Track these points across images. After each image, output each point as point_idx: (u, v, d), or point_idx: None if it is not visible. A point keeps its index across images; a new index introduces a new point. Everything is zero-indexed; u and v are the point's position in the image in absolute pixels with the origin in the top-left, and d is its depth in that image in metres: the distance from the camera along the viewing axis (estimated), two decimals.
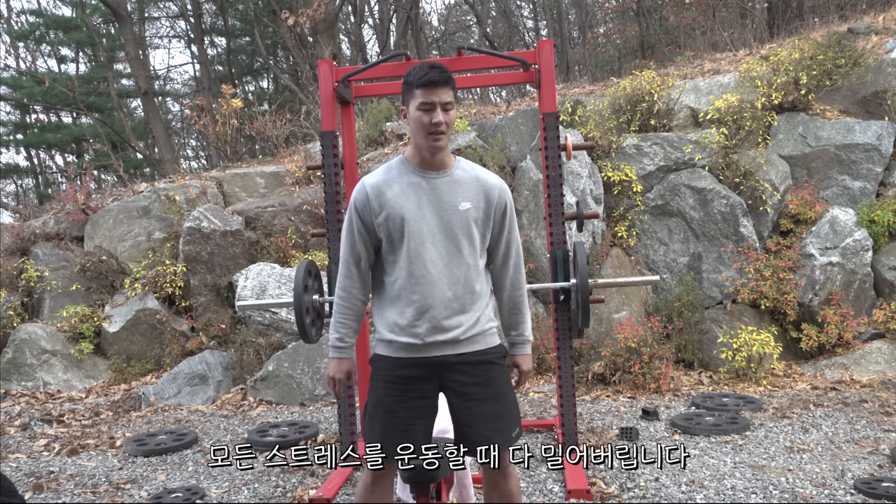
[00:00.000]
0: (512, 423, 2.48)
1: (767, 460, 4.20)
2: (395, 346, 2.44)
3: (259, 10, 17.06)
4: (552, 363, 6.35)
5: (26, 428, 6.00)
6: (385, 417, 2.43)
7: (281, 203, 7.78)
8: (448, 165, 2.46)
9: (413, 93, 2.36)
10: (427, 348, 2.40)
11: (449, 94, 2.36)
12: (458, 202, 2.41)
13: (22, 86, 18.57)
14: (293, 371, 6.42)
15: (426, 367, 2.43)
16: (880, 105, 7.26)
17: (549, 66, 4.22)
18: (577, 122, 7.65)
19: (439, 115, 2.34)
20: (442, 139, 2.37)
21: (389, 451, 2.42)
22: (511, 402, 2.50)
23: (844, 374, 5.99)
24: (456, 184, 2.44)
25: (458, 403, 2.46)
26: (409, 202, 2.40)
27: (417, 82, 2.34)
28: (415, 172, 2.44)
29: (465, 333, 2.41)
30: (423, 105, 2.34)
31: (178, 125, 21.41)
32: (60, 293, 7.84)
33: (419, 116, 2.35)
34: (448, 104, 2.36)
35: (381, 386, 2.47)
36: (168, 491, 4.17)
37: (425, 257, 2.38)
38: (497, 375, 2.48)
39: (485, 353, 2.46)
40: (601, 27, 19.39)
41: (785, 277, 6.39)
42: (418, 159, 2.44)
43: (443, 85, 2.34)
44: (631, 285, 5.87)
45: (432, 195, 2.41)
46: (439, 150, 2.40)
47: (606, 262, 6.96)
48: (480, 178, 2.48)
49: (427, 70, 2.34)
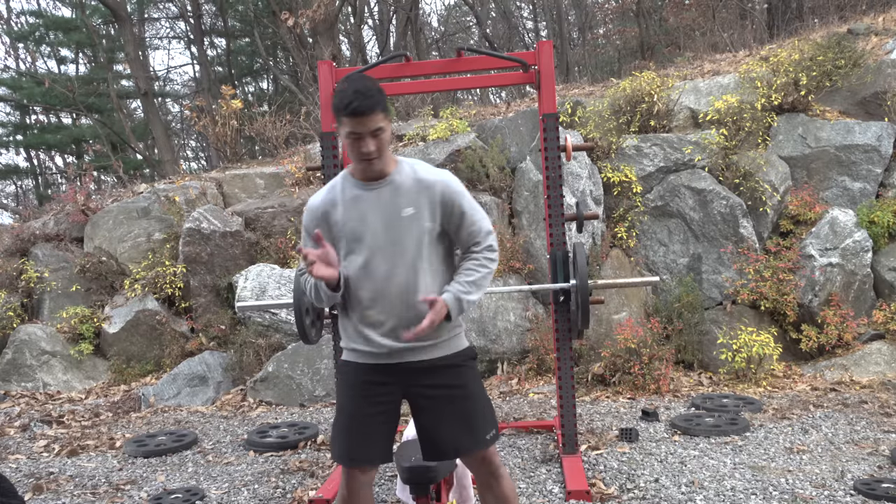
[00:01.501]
0: (484, 424, 2.44)
1: (767, 461, 4.20)
2: (357, 353, 2.46)
3: (259, 11, 17.06)
4: (552, 364, 6.35)
5: (26, 429, 6.00)
6: (347, 423, 2.43)
7: (281, 204, 7.78)
8: (388, 172, 2.40)
9: (341, 120, 2.27)
10: (389, 355, 2.41)
11: (377, 119, 2.25)
12: (400, 209, 2.37)
13: (22, 87, 18.58)
14: (293, 372, 6.41)
15: (389, 374, 2.42)
16: (880, 106, 7.27)
17: (548, 67, 4.22)
18: (577, 122, 7.65)
19: (369, 145, 2.27)
20: (375, 164, 2.33)
21: (352, 456, 2.42)
22: (481, 404, 2.47)
23: (844, 375, 5.99)
24: (397, 191, 2.39)
25: (423, 409, 2.44)
26: (352, 219, 2.38)
27: (344, 112, 2.23)
28: (357, 186, 2.41)
29: (426, 340, 2.39)
30: (352, 135, 2.27)
31: (178, 126, 21.43)
32: (60, 294, 7.84)
33: (349, 144, 2.30)
34: (377, 130, 2.26)
35: (345, 392, 2.48)
36: (168, 492, 4.17)
37: (377, 270, 2.36)
38: (464, 378, 2.46)
39: (449, 357, 2.45)
40: (601, 28, 19.40)
41: (785, 278, 6.39)
42: (359, 172, 2.41)
43: (370, 112, 2.22)
44: (631, 286, 5.89)
45: (375, 206, 2.38)
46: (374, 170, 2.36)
47: (606, 263, 6.96)
48: (420, 178, 2.40)
49: (352, 97, 2.21)
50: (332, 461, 4.59)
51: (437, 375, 2.42)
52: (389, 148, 2.39)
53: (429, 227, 2.39)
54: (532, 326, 6.69)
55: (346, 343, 2.50)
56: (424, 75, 4.80)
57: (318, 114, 9.49)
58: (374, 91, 2.25)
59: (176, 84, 23.93)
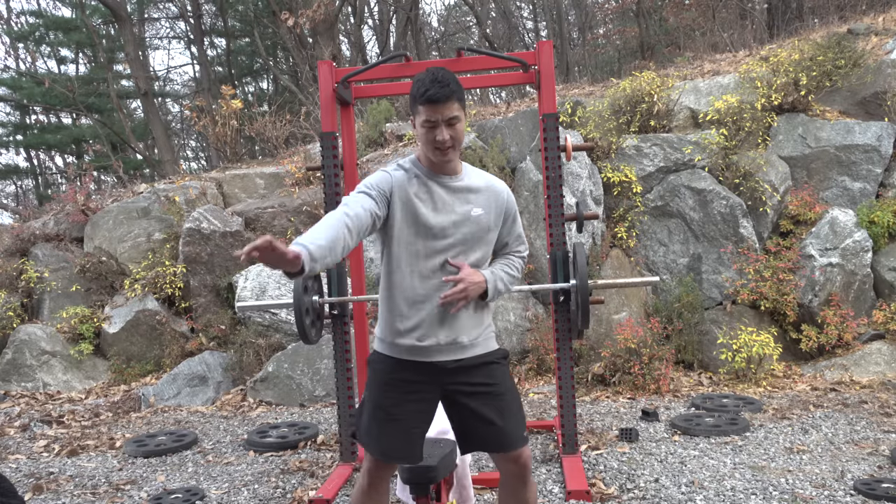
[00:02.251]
0: (520, 423, 2.44)
1: (767, 461, 4.20)
2: (395, 347, 2.41)
3: (259, 11, 17.08)
4: (552, 364, 6.35)
5: (26, 429, 6.00)
6: (384, 420, 2.39)
7: (281, 204, 7.78)
8: (459, 171, 2.42)
9: (416, 108, 2.28)
10: (427, 352, 2.38)
11: (454, 107, 2.25)
12: (470, 208, 2.39)
13: (22, 87, 18.59)
14: (293, 372, 6.41)
15: (426, 372, 2.40)
16: (880, 106, 7.27)
17: (548, 67, 4.22)
18: (577, 122, 7.65)
19: (444, 133, 2.26)
20: (449, 154, 2.31)
21: (389, 454, 2.40)
22: (517, 402, 2.48)
23: (844, 375, 5.99)
24: (468, 190, 2.41)
25: (461, 406, 2.41)
26: (423, 204, 2.36)
27: (420, 99, 2.24)
28: (428, 176, 2.39)
29: (465, 339, 2.39)
30: (427, 123, 2.26)
31: (178, 126, 21.43)
32: (60, 294, 7.84)
33: (424, 133, 2.29)
34: (453, 119, 2.26)
35: (380, 387, 2.43)
36: (168, 492, 4.17)
37: (433, 261, 2.35)
38: (499, 376, 2.46)
39: (484, 356, 2.44)
40: (601, 28, 19.41)
41: (785, 278, 6.39)
42: (429, 163, 2.39)
43: (445, 101, 2.23)
44: (631, 286, 5.89)
45: (448, 199, 2.38)
46: (449, 163, 2.37)
47: (606, 263, 6.96)
48: (490, 184, 2.47)
49: (429, 85, 2.23)
50: (333, 461, 4.59)
51: (473, 374, 2.41)
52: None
53: (492, 230, 2.45)
54: (532, 326, 6.69)
55: (383, 333, 2.44)
56: None
57: (317, 114, 9.49)
58: (451, 80, 2.25)
59: (176, 84, 23.95)
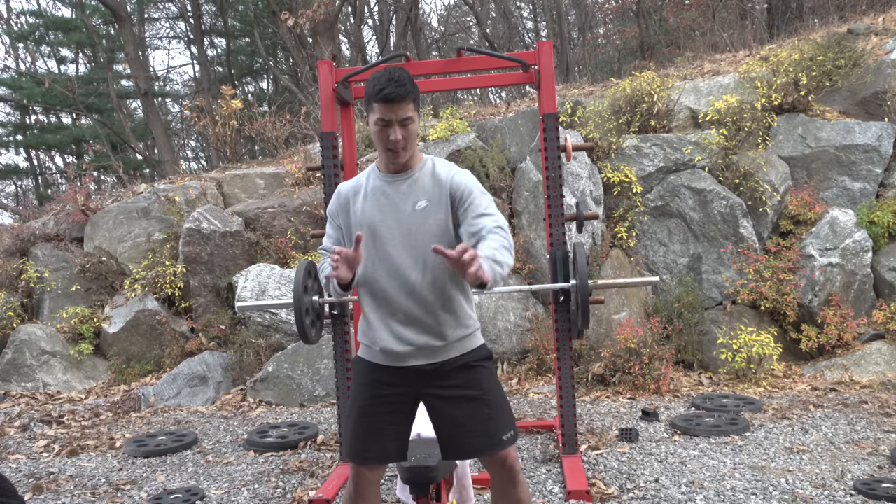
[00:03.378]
0: (501, 425, 2.36)
1: (767, 461, 4.20)
2: (370, 351, 2.45)
3: (259, 11, 17.07)
4: (552, 364, 6.35)
5: (26, 429, 6.00)
6: (357, 419, 2.41)
7: (281, 204, 7.78)
8: (411, 167, 2.39)
9: (371, 106, 2.27)
10: (399, 357, 2.38)
11: (408, 108, 2.25)
12: (416, 202, 2.36)
13: (22, 87, 18.59)
14: (293, 372, 6.41)
15: (399, 376, 2.40)
16: (880, 106, 7.27)
17: (548, 67, 4.22)
18: (577, 122, 7.65)
19: (397, 133, 2.26)
20: (400, 154, 2.32)
21: (359, 452, 2.39)
22: (497, 404, 2.39)
23: (844, 375, 5.99)
24: (416, 184, 2.37)
25: (438, 412, 2.39)
26: (372, 209, 2.38)
27: (375, 97, 2.24)
28: (380, 178, 2.41)
29: (438, 342, 2.36)
30: (380, 121, 2.26)
31: (178, 126, 21.43)
32: (60, 294, 7.84)
33: (377, 132, 2.29)
34: (406, 119, 2.26)
35: (357, 388, 2.47)
36: (168, 492, 4.17)
37: (389, 263, 2.35)
38: (477, 379, 2.39)
39: (461, 357, 2.39)
40: (601, 28, 19.41)
41: (785, 278, 6.39)
42: (383, 165, 2.41)
43: (400, 100, 2.23)
44: (631, 286, 5.89)
45: (393, 198, 2.37)
46: (400, 162, 2.36)
47: (606, 263, 6.96)
48: (436, 172, 2.39)
49: (384, 84, 2.22)
50: (333, 461, 4.59)
51: (448, 377, 2.38)
52: (417, 144, 2.39)
53: (442, 219, 2.35)
54: (532, 326, 6.69)
55: (361, 338, 2.48)
56: (424, 75, 4.80)
57: (318, 114, 9.49)
58: (407, 81, 2.25)
59: (176, 84, 23.95)
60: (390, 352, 2.38)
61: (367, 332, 2.44)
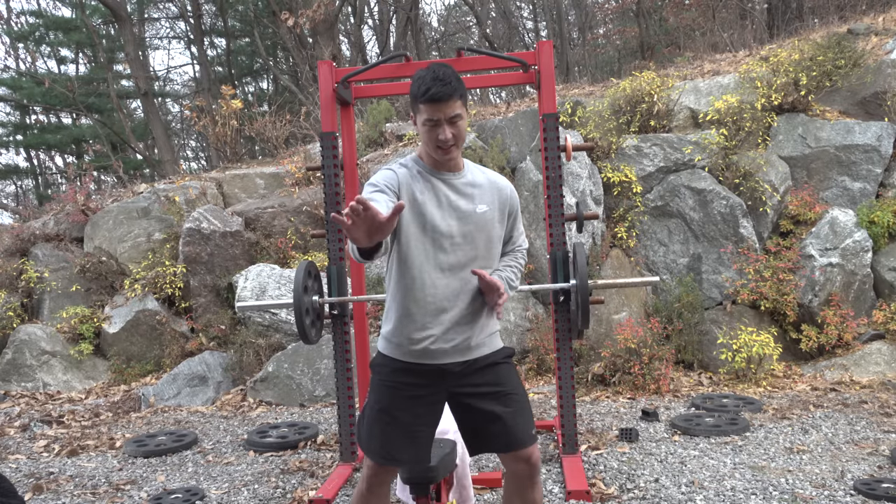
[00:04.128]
0: (530, 421, 2.40)
1: (767, 461, 4.20)
2: (402, 350, 2.35)
3: (259, 11, 17.08)
4: (552, 364, 6.35)
5: (26, 429, 6.00)
6: (388, 422, 2.34)
7: (280, 204, 7.78)
8: (461, 167, 2.37)
9: (418, 107, 2.23)
10: (435, 355, 2.33)
11: (456, 106, 2.20)
12: (475, 205, 2.34)
13: (22, 87, 18.60)
14: (293, 372, 6.41)
15: (432, 375, 2.35)
16: (880, 106, 7.27)
17: (548, 67, 4.22)
18: (577, 122, 7.65)
19: (447, 132, 2.21)
20: (452, 152, 2.27)
21: (392, 456, 2.35)
22: (525, 400, 2.43)
23: (844, 375, 5.99)
24: (472, 186, 2.36)
25: (471, 408, 2.37)
26: (430, 201, 2.31)
27: (421, 98, 2.19)
28: (431, 173, 2.35)
29: (472, 341, 2.35)
30: (429, 122, 2.22)
31: (178, 126, 21.44)
32: (60, 294, 7.84)
33: (426, 132, 2.24)
34: (455, 117, 2.21)
35: (384, 389, 2.38)
36: (168, 492, 4.17)
37: (445, 260, 2.30)
38: (505, 376, 2.41)
39: (490, 356, 2.40)
40: (601, 28, 19.41)
41: (785, 278, 6.39)
42: (431, 161, 2.35)
43: (448, 99, 2.18)
44: (631, 286, 5.89)
45: (451, 197, 2.33)
46: (451, 161, 2.33)
47: (606, 263, 6.96)
48: (493, 180, 2.42)
49: (430, 83, 2.18)
50: (333, 461, 4.59)
51: (479, 375, 2.38)
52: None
53: (498, 227, 2.40)
54: (532, 326, 6.69)
55: (390, 334, 2.37)
56: None
57: (317, 114, 9.49)
58: (453, 78, 2.21)
59: (176, 84, 23.96)
60: (428, 350, 2.32)
61: (403, 329, 2.34)
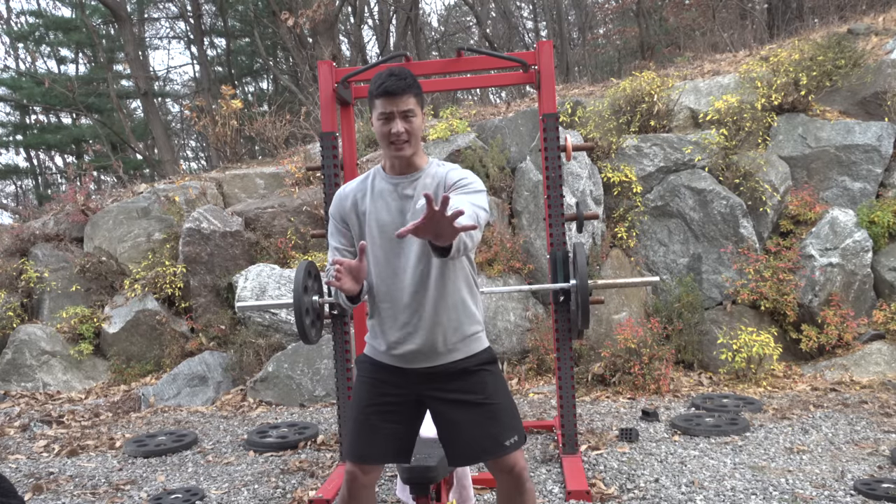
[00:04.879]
0: (504, 430, 2.32)
1: (767, 461, 4.20)
2: (374, 350, 2.44)
3: (259, 11, 17.08)
4: (552, 364, 6.35)
5: (26, 429, 6.00)
6: (361, 420, 2.38)
7: (280, 204, 7.78)
8: (418, 168, 2.37)
9: (373, 102, 2.27)
10: (401, 358, 2.36)
11: (409, 101, 2.25)
12: (416, 202, 2.33)
13: (22, 87, 18.60)
14: (293, 372, 6.41)
15: (403, 377, 2.39)
16: (880, 106, 7.26)
17: (548, 67, 4.22)
18: (577, 122, 7.65)
19: (398, 126, 2.24)
20: (404, 148, 2.28)
21: (356, 451, 2.37)
22: (502, 407, 2.35)
23: (844, 375, 5.99)
24: (417, 185, 2.35)
25: (440, 416, 2.38)
26: (380, 210, 2.35)
27: (375, 92, 2.25)
28: (386, 179, 2.38)
29: (438, 345, 2.33)
30: (382, 115, 2.25)
31: (178, 126, 21.44)
32: (60, 294, 7.84)
33: (379, 126, 2.27)
34: (408, 112, 2.25)
35: (359, 387, 2.46)
36: (168, 492, 4.17)
37: (390, 265, 2.33)
38: (479, 383, 2.36)
39: (463, 361, 2.37)
40: (601, 28, 19.41)
41: (785, 278, 6.39)
42: (388, 166, 2.39)
43: (401, 94, 2.22)
44: (631, 286, 5.88)
45: (396, 199, 2.35)
46: (403, 159, 2.33)
47: (606, 263, 6.96)
48: (439, 172, 2.37)
49: (384, 78, 2.23)
50: (333, 461, 4.59)
51: (448, 381, 2.36)
52: (420, 145, 2.36)
53: None
54: (532, 326, 6.69)
55: (368, 336, 2.47)
56: (424, 75, 4.79)
57: (318, 114, 9.49)
58: (408, 75, 2.26)
59: (176, 84, 23.96)
60: (395, 353, 2.36)
61: (373, 332, 2.43)
